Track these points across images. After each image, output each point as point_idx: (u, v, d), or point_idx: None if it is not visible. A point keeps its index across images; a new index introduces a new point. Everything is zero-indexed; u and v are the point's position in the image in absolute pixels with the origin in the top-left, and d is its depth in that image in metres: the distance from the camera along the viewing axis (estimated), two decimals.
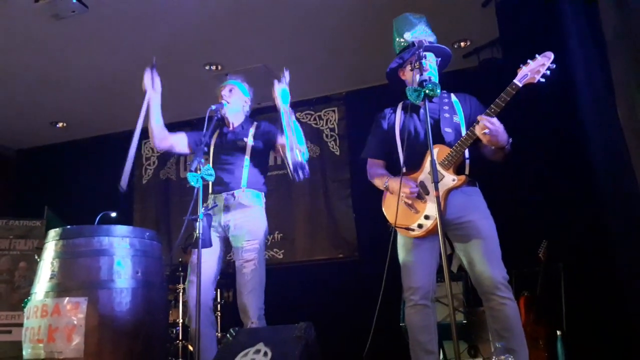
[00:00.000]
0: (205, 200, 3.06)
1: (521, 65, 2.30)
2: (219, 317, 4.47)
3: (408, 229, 2.46)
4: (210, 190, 3.09)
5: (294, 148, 2.74)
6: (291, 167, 2.73)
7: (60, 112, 5.81)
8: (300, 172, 2.72)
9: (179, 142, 3.17)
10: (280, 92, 2.78)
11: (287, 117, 2.79)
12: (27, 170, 6.67)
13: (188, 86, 5.25)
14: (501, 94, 2.29)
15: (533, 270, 3.52)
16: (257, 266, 2.89)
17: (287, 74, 2.81)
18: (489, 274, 2.31)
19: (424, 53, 2.37)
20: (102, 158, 6.29)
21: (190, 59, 4.82)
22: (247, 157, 3.06)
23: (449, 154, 2.39)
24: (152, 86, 2.94)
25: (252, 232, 2.95)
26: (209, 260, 2.85)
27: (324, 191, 5.47)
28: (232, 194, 3.00)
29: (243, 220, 2.96)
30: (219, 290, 4.50)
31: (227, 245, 3.04)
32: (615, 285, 3.08)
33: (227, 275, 4.39)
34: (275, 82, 2.81)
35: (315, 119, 5.72)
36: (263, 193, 3.11)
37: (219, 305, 4.56)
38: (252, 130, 3.14)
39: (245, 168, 3.04)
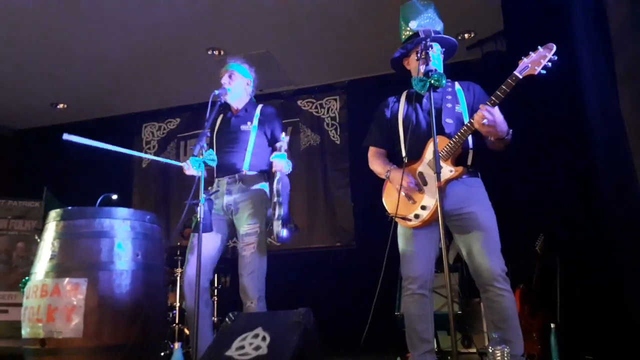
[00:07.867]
0: (210, 184, 3.08)
1: (522, 57, 2.28)
2: (215, 302, 4.50)
3: (405, 218, 2.47)
4: (215, 174, 3.09)
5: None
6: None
7: (61, 94, 5.79)
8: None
9: None
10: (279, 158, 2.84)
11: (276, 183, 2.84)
12: (27, 151, 6.66)
13: (191, 71, 5.24)
14: (501, 86, 2.27)
15: (529, 264, 3.55)
16: (257, 249, 2.91)
17: (286, 139, 2.91)
18: (488, 266, 2.33)
19: (430, 43, 2.36)
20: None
21: (193, 43, 4.79)
22: (251, 141, 3.05)
23: (447, 145, 2.38)
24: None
25: (253, 215, 2.96)
26: (209, 241, 2.84)
27: (323, 180, 5.48)
28: (235, 177, 3.01)
29: (245, 203, 2.98)
30: (216, 275, 4.52)
31: (231, 228, 3.06)
32: (610, 280, 3.11)
33: (225, 261, 4.41)
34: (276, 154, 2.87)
35: (316, 107, 5.70)
36: (266, 175, 3.11)
37: (216, 290, 4.59)
38: (257, 114, 3.12)
39: (248, 151, 3.04)
